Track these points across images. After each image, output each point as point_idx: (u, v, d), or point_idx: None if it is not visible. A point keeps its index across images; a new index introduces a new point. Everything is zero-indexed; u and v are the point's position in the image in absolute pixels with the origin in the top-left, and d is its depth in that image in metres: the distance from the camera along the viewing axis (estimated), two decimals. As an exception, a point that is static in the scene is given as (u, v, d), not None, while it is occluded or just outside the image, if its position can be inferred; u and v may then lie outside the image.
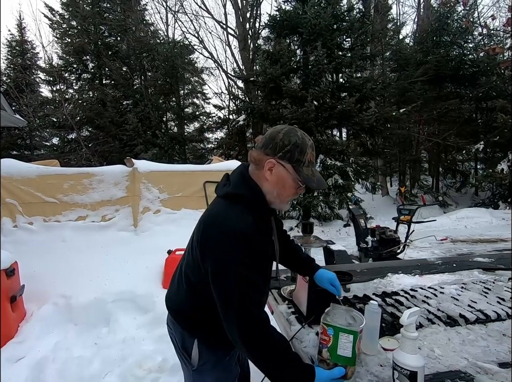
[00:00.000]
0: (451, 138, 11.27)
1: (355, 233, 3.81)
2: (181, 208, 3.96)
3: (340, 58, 8.54)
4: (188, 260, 1.01)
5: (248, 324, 0.84)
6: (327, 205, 8.39)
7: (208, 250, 0.89)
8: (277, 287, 1.59)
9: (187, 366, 1.06)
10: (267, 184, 0.94)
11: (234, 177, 0.99)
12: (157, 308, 2.57)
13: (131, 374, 1.99)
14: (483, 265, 1.93)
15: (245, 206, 0.91)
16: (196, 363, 1.02)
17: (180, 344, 1.05)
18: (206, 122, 11.92)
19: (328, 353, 0.83)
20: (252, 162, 0.97)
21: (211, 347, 1.02)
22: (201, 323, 1.00)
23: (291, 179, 0.93)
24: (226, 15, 15.97)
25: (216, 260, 0.87)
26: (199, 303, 0.99)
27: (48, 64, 12.09)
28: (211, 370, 1.02)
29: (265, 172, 0.93)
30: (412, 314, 0.82)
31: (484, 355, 0.99)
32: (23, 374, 1.98)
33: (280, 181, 0.93)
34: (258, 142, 0.98)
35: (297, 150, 0.91)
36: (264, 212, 0.97)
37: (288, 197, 0.98)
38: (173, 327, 1.08)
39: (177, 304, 1.07)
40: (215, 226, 0.90)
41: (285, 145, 0.91)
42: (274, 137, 0.93)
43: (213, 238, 0.89)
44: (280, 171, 0.92)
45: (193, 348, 1.01)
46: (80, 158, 9.85)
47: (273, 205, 0.98)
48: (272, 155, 0.92)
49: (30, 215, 3.44)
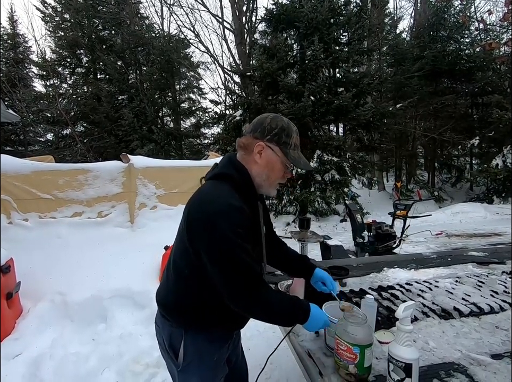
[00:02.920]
0: (447, 133, 11.32)
1: (352, 228, 3.83)
2: (178, 204, 3.95)
3: (337, 52, 8.50)
4: (176, 245, 1.01)
5: (250, 283, 0.86)
6: (324, 200, 8.42)
7: (198, 223, 0.88)
8: (274, 282, 1.60)
9: (172, 367, 1.04)
10: (257, 167, 0.98)
11: (222, 161, 1.03)
12: (154, 304, 2.53)
13: (128, 370, 2.00)
14: (477, 259, 1.95)
15: (232, 186, 0.93)
16: (181, 361, 0.99)
17: (168, 341, 1.02)
18: (202, 118, 11.84)
19: (356, 368, 0.86)
20: (241, 148, 1.00)
21: (198, 342, 0.99)
22: (189, 315, 0.98)
23: (280, 162, 0.98)
24: (222, 8, 15.78)
25: (208, 231, 0.85)
26: (188, 290, 0.98)
27: (41, 58, 11.88)
28: (196, 368, 1.00)
29: (255, 155, 0.97)
30: (407, 307, 0.83)
31: (477, 347, 1.01)
32: (19, 371, 1.98)
33: (269, 164, 0.97)
34: (245, 129, 1.00)
35: (284, 133, 0.97)
36: (250, 193, 0.98)
37: (276, 180, 1.01)
38: (161, 324, 1.05)
39: (165, 296, 1.05)
40: (204, 202, 0.90)
41: (273, 129, 0.96)
42: (262, 122, 0.98)
43: (202, 212, 0.88)
44: (269, 153, 0.97)
45: (180, 344, 0.98)
46: (76, 154, 9.76)
47: (262, 189, 1.00)
48: (261, 138, 0.96)
49: (24, 212, 3.41)
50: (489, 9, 12.20)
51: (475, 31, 11.31)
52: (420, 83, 10.81)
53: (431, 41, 11.04)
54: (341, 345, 0.87)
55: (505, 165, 9.02)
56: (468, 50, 11.20)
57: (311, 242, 1.34)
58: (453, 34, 11.11)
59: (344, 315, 0.92)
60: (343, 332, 0.88)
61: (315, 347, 1.03)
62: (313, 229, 1.41)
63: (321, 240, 2.06)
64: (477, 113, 11.58)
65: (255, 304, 0.88)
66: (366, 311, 1.04)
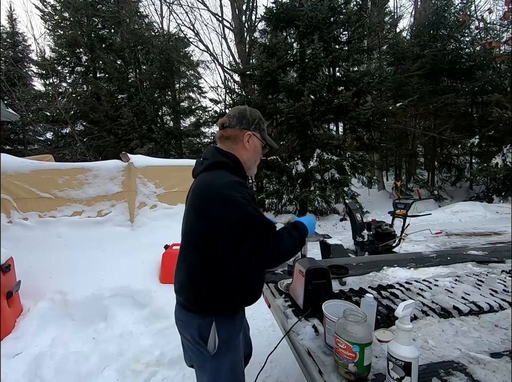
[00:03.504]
0: (447, 132, 11.31)
1: (351, 227, 3.83)
2: (177, 203, 3.95)
3: (337, 51, 8.49)
4: (188, 240, 1.10)
5: (266, 231, 0.98)
6: (324, 199, 8.42)
7: (212, 202, 0.98)
8: (274, 281, 1.60)
9: (202, 356, 1.10)
10: (247, 153, 1.16)
11: (209, 155, 1.14)
12: (154, 303, 2.57)
13: (129, 369, 2.00)
14: (476, 258, 1.96)
15: (229, 171, 1.07)
16: (213, 346, 1.07)
17: (197, 333, 1.08)
18: (202, 117, 11.83)
19: (355, 367, 0.86)
20: (228, 139, 1.15)
21: (226, 329, 1.09)
22: (219, 302, 1.07)
23: (260, 145, 1.21)
24: (222, 7, 15.79)
25: (223, 204, 0.96)
26: (207, 268, 1.05)
27: (40, 57, 11.84)
28: (226, 350, 1.09)
29: (245, 143, 1.15)
30: (407, 306, 0.83)
31: (476, 345, 1.01)
32: (20, 369, 1.98)
33: (256, 148, 1.19)
34: (226, 122, 1.17)
35: (261, 121, 1.21)
36: (244, 176, 1.14)
37: (258, 160, 1.23)
38: (186, 319, 1.11)
39: (194, 290, 1.08)
40: (212, 185, 1.01)
41: (254, 119, 1.18)
42: (244, 115, 1.17)
43: (214, 192, 0.99)
44: (255, 140, 1.18)
45: (210, 332, 1.07)
46: (75, 153, 9.75)
47: (250, 170, 1.20)
48: (247, 128, 1.16)
49: (24, 211, 3.41)
50: (490, 7, 12.20)
51: (475, 30, 11.29)
52: (420, 81, 10.80)
53: (431, 39, 11.02)
54: (341, 344, 0.88)
55: (505, 164, 9.01)
56: (468, 49, 11.18)
57: (311, 241, 1.34)
58: (453, 33, 11.09)
59: (344, 313, 0.93)
60: (343, 331, 0.88)
61: (314, 346, 1.04)
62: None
63: (321, 239, 2.05)
64: (477, 112, 11.58)
65: (282, 249, 0.99)
66: (366, 309, 1.04)
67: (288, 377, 1.87)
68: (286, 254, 1.02)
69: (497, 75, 10.69)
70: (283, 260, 1.04)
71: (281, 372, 1.90)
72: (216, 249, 1.01)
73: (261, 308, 2.59)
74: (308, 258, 1.38)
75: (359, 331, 0.86)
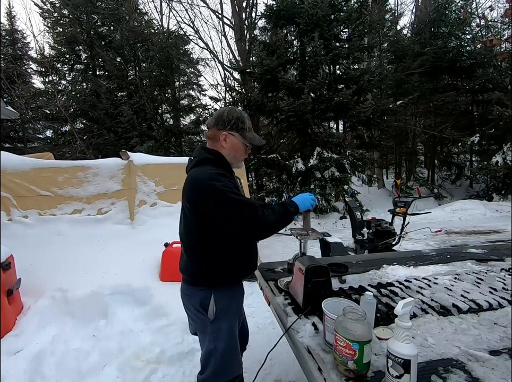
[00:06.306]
0: (447, 130, 11.30)
1: (351, 225, 3.84)
2: (177, 201, 3.92)
3: (337, 49, 8.46)
4: (184, 224, 1.27)
5: (251, 210, 1.11)
6: (324, 198, 8.42)
7: (199, 192, 1.13)
8: (274, 279, 1.60)
9: (203, 322, 1.24)
10: (225, 151, 1.27)
11: (197, 153, 1.30)
12: (154, 300, 2.58)
13: (129, 366, 2.01)
14: (476, 256, 1.96)
15: (213, 164, 1.22)
16: (213, 313, 1.23)
17: (199, 303, 1.23)
18: (202, 115, 11.77)
19: (355, 365, 0.87)
20: (209, 138, 1.29)
21: (224, 298, 1.25)
22: (212, 276, 1.23)
23: (240, 143, 1.28)
24: (222, 4, 15.73)
25: (208, 193, 1.11)
26: (202, 248, 1.22)
27: (39, 54, 11.79)
28: (225, 315, 1.25)
29: (222, 142, 1.26)
30: (406, 304, 0.83)
31: (475, 343, 1.01)
32: (21, 366, 1.99)
33: (233, 147, 1.27)
34: (208, 123, 1.31)
35: (239, 121, 1.27)
36: (227, 168, 1.27)
37: (241, 157, 1.33)
38: (190, 292, 1.27)
39: (190, 268, 1.27)
40: (198, 179, 1.16)
41: (230, 120, 1.26)
42: (221, 116, 1.27)
43: (200, 183, 1.14)
44: (232, 139, 1.27)
45: (210, 301, 1.22)
46: (75, 151, 9.72)
47: (232, 165, 1.31)
48: (223, 129, 1.25)
49: (24, 209, 3.41)
50: (491, 5, 12.16)
51: (476, 28, 11.25)
52: (420, 79, 10.76)
53: (431, 37, 10.97)
54: (340, 341, 0.88)
55: (505, 163, 9.00)
56: (469, 47, 11.14)
57: (311, 239, 1.34)
58: (454, 31, 11.05)
59: (343, 311, 0.93)
60: (343, 328, 0.88)
61: (314, 344, 1.04)
62: (312, 226, 1.41)
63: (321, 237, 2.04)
64: (478, 110, 11.55)
65: (261, 222, 1.11)
66: (365, 307, 1.05)
67: (288, 374, 1.88)
68: (269, 228, 1.15)
69: (498, 73, 10.66)
70: (268, 233, 1.16)
71: (281, 369, 1.91)
72: (207, 231, 1.18)
73: (261, 306, 2.60)
74: (308, 256, 1.38)
75: (358, 329, 0.86)
